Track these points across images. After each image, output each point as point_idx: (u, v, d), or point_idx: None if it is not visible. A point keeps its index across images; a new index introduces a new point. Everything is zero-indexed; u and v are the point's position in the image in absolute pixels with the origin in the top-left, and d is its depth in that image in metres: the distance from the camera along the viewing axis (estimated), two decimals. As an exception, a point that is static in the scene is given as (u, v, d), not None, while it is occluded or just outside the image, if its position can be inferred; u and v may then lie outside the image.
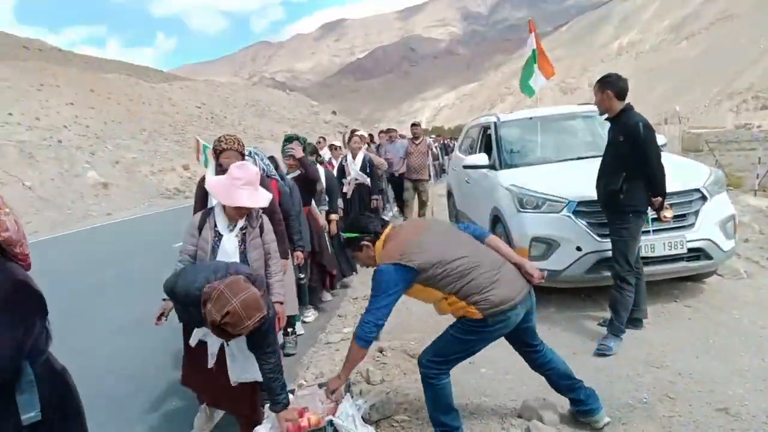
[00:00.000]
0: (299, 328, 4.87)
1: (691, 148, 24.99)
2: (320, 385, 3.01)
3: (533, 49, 7.94)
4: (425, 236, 2.71)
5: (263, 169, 4.05)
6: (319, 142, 10.18)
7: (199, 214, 3.16)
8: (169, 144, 28.27)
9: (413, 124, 10.28)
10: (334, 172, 6.92)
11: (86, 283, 7.49)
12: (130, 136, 26.83)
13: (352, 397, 2.92)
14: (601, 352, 3.80)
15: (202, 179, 3.76)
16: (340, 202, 6.46)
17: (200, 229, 3.06)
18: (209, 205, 3.66)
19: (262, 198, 3.03)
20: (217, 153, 3.57)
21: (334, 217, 6.00)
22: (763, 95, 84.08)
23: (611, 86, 3.84)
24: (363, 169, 7.29)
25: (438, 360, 2.73)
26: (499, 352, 3.97)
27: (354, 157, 7.34)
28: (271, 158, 4.53)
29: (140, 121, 30.39)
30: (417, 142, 9.61)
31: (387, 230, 2.81)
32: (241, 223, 3.05)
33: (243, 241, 3.03)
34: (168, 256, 8.35)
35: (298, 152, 5.01)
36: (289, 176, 4.79)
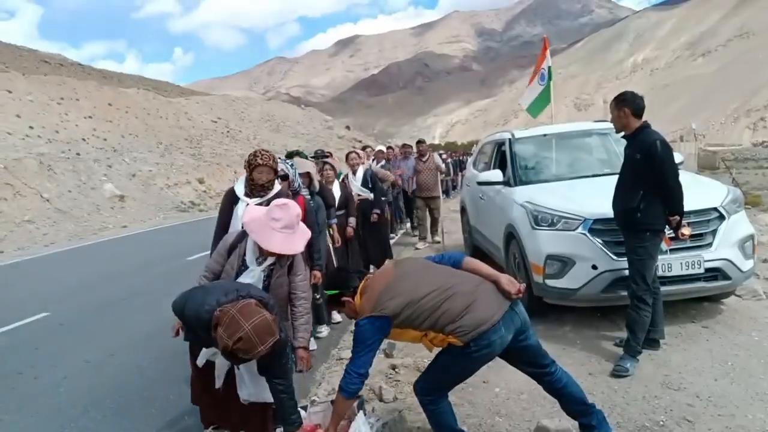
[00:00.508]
0: (312, 343, 4.85)
1: (707, 166, 24.78)
2: (332, 402, 2.99)
3: (549, 67, 7.93)
4: (394, 282, 2.69)
5: (296, 184, 4.18)
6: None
7: (233, 235, 3.07)
8: (185, 158, 28.59)
9: (418, 142, 10.25)
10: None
11: (99, 295, 7.54)
12: (146, 150, 27.19)
13: (365, 414, 2.90)
14: (617, 373, 3.74)
15: (230, 191, 3.73)
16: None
17: (230, 252, 2.98)
18: (233, 217, 3.64)
19: (297, 244, 2.92)
20: (252, 167, 3.51)
21: (352, 221, 6.29)
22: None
23: (627, 104, 3.82)
24: (365, 184, 7.25)
25: (431, 387, 2.75)
26: (514, 371, 3.93)
27: (354, 173, 7.32)
28: (307, 174, 4.67)
29: (157, 135, 30.81)
30: (424, 159, 9.58)
31: (363, 283, 2.80)
32: (270, 260, 2.94)
33: (268, 277, 2.94)
34: (182, 269, 8.42)
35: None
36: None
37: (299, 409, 2.97)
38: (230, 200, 3.70)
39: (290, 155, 5.32)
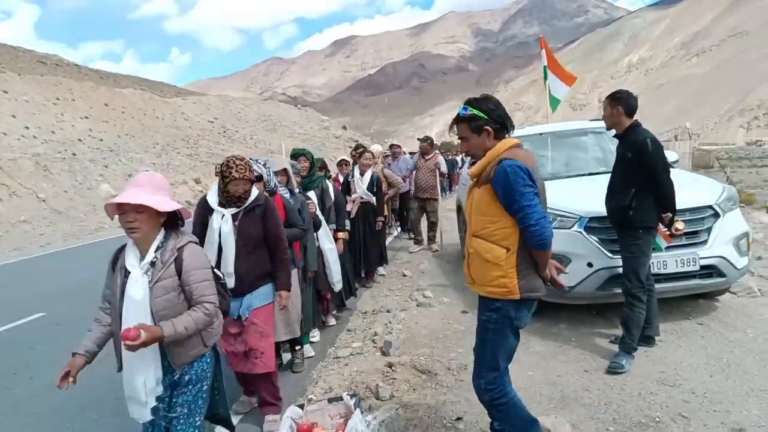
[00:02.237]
0: (308, 349, 4.75)
1: (702, 165, 24.86)
2: (330, 400, 3.00)
3: (544, 66, 7.96)
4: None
5: (271, 184, 3.91)
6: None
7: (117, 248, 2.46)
8: (181, 158, 28.55)
9: (422, 139, 9.35)
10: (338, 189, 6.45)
11: (95, 295, 7.45)
12: (143, 150, 27.15)
13: (362, 412, 2.90)
14: (613, 370, 3.75)
15: (203, 200, 3.46)
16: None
17: (113, 265, 2.40)
18: (208, 228, 3.32)
19: (141, 197, 2.19)
20: (226, 181, 3.20)
21: (342, 235, 5.71)
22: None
23: (622, 102, 3.84)
24: (370, 187, 6.89)
25: (493, 373, 2.61)
26: (510, 369, 3.96)
27: (362, 174, 6.92)
28: (284, 171, 4.35)
29: (153, 135, 30.76)
30: (427, 157, 8.95)
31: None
32: (150, 255, 2.28)
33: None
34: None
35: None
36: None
37: (296, 407, 2.98)
38: (204, 210, 3.41)
39: (296, 155, 5.25)
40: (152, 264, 2.26)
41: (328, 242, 5.17)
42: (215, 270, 2.55)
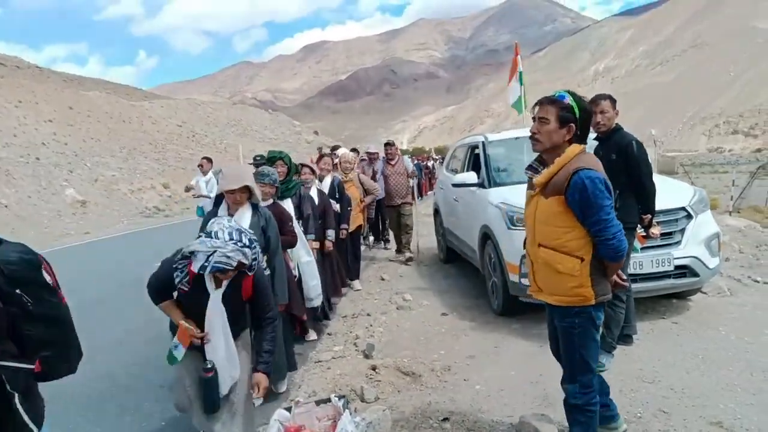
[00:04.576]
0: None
1: (666, 171, 25.50)
2: (317, 402, 2.97)
3: (520, 72, 8.10)
4: None
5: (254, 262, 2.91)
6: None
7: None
8: (149, 162, 28.00)
9: (386, 144, 8.94)
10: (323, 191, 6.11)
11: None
12: (109, 154, 26.53)
13: (350, 414, 2.88)
14: None
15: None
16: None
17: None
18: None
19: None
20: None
21: (331, 233, 5.58)
22: (733, 120, 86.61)
23: (615, 105, 3.95)
24: (332, 194, 6.28)
25: (588, 375, 2.56)
26: (491, 369, 4.01)
27: (321, 180, 6.36)
28: (244, 188, 3.54)
29: (120, 139, 30.12)
30: (393, 162, 8.50)
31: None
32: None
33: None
34: (147, 276, 8.21)
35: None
36: (263, 204, 3.80)
37: (283, 410, 2.94)
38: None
39: (272, 159, 4.80)
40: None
41: (305, 254, 4.65)
42: None
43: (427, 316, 5.48)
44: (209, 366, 2.49)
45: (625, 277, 2.71)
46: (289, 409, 2.95)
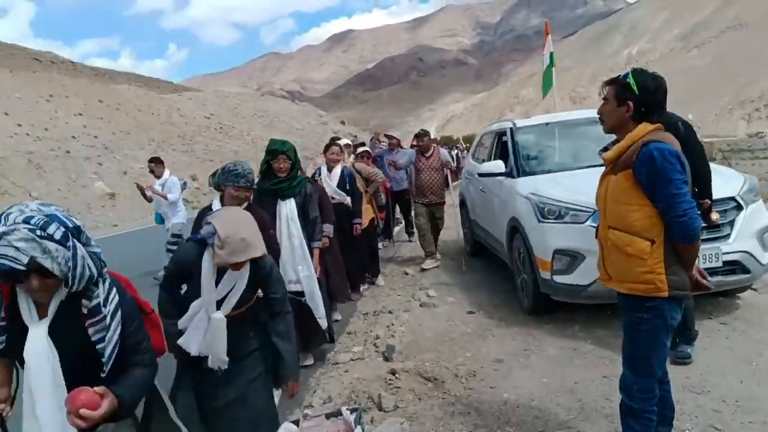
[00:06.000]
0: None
1: (705, 157, 24.59)
2: (327, 416, 2.72)
3: (551, 52, 7.65)
4: None
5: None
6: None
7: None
8: (177, 154, 28.22)
9: (419, 135, 7.92)
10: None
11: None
12: (138, 147, 26.80)
13: (363, 429, 2.62)
14: (681, 360, 3.55)
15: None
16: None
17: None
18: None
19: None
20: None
21: (328, 228, 4.59)
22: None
23: None
24: (341, 185, 5.84)
25: (648, 379, 2.34)
26: (521, 375, 3.69)
27: (330, 170, 5.87)
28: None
29: (148, 132, 30.42)
30: (427, 155, 7.47)
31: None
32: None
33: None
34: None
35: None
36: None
37: (290, 423, 2.70)
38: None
39: (273, 152, 3.99)
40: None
41: (305, 268, 4.07)
42: None
43: (452, 315, 5.19)
44: None
45: (709, 278, 2.42)
46: (296, 423, 2.71)
